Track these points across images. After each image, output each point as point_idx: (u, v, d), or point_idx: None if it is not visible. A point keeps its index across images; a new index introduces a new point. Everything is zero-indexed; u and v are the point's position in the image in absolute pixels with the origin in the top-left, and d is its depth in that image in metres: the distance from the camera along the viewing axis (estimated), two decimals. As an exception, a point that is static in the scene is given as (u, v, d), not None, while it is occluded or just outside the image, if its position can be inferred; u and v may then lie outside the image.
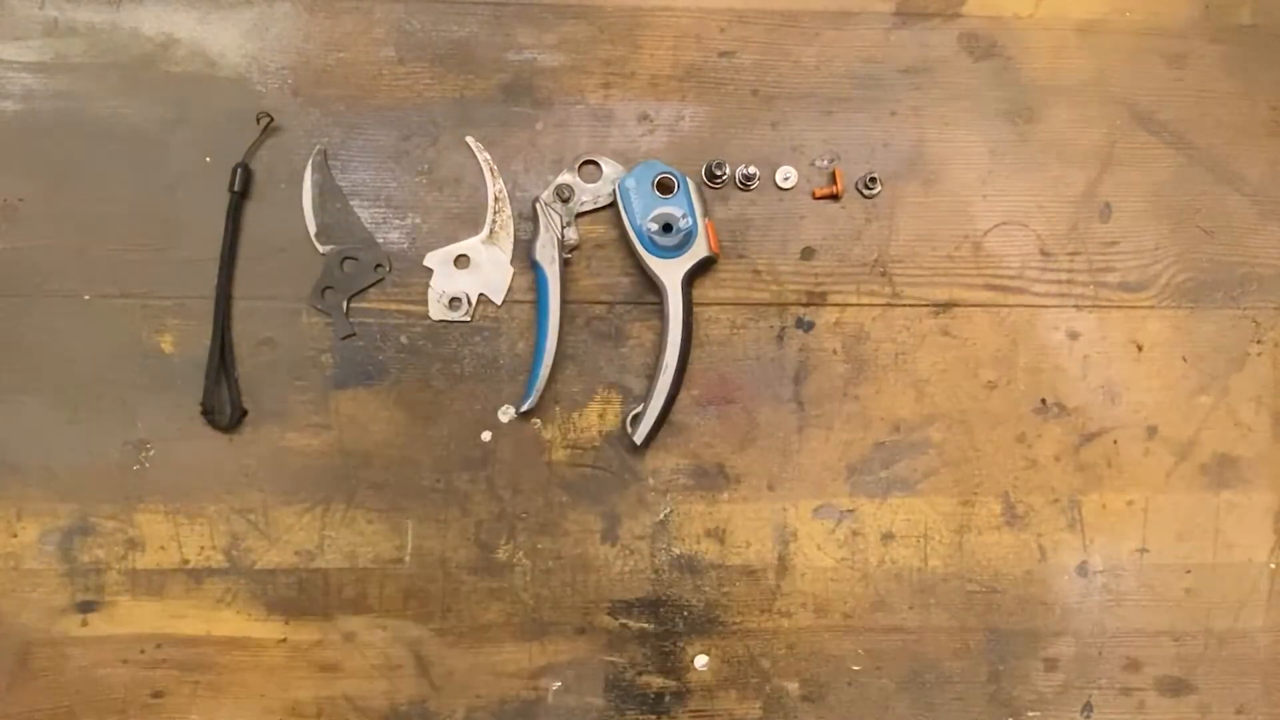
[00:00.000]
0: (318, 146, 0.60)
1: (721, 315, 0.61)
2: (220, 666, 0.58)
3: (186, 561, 0.58)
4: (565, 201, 0.60)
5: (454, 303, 0.60)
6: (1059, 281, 0.62)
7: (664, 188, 0.59)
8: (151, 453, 0.58)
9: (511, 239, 0.60)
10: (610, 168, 0.60)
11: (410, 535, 0.59)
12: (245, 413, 0.59)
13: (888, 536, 0.61)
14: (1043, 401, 0.61)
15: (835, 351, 0.61)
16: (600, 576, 0.60)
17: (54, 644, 0.58)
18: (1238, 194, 0.63)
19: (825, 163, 0.62)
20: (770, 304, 0.61)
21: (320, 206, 0.60)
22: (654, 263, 0.58)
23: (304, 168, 0.60)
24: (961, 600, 0.61)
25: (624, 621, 0.60)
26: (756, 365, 0.61)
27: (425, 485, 0.59)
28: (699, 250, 0.58)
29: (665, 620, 0.60)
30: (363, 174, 0.60)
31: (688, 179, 0.59)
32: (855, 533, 0.60)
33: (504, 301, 0.60)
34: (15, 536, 0.58)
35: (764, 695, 0.60)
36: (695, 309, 0.60)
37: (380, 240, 0.60)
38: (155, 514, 0.58)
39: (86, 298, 0.59)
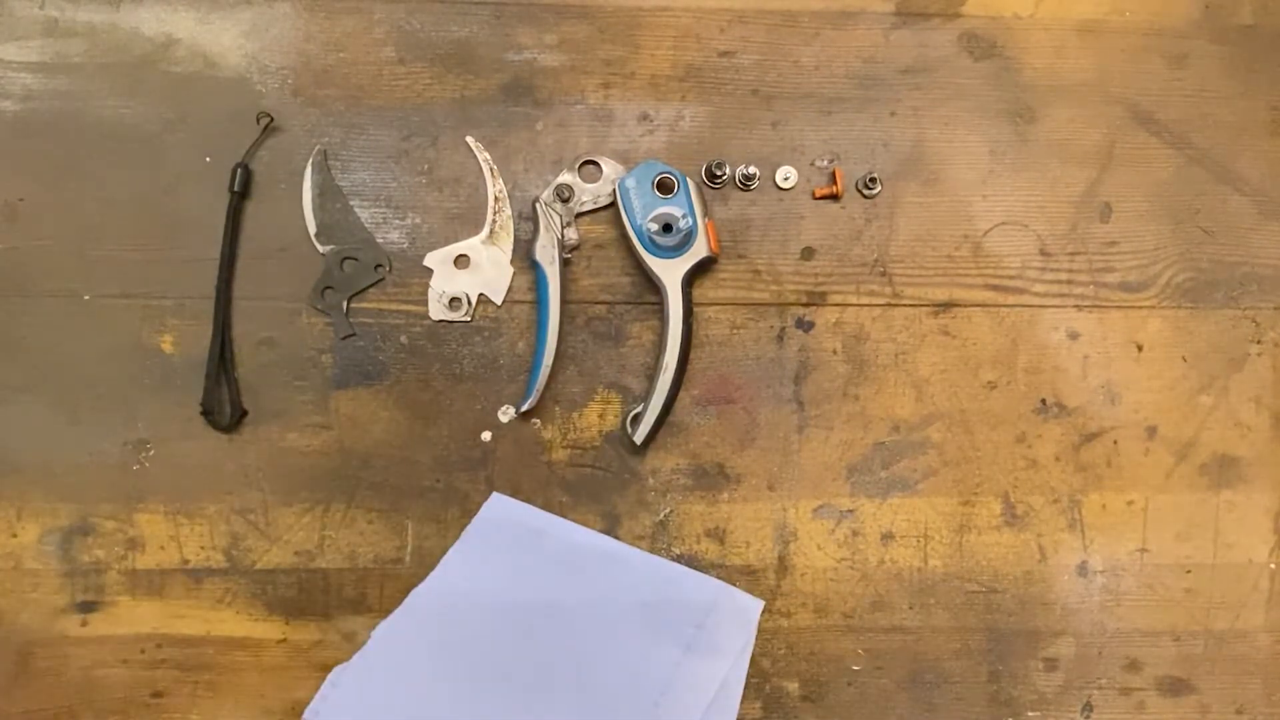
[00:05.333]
0: (318, 146, 0.60)
1: (721, 315, 0.61)
2: (220, 666, 0.58)
3: (186, 561, 0.58)
4: (565, 201, 0.60)
5: (454, 303, 0.60)
6: (1059, 281, 0.62)
7: (664, 188, 0.59)
8: (151, 453, 0.58)
9: (511, 239, 0.60)
10: (610, 168, 0.60)
11: (410, 535, 0.59)
12: (245, 413, 0.59)
13: (888, 536, 0.61)
14: (1043, 401, 0.61)
15: (835, 351, 0.61)
16: (600, 576, 0.60)
17: (54, 644, 0.58)
18: (1238, 194, 0.63)
19: (825, 163, 0.62)
20: (770, 304, 0.61)
21: (320, 206, 0.60)
22: (654, 263, 0.58)
23: (304, 168, 0.60)
24: (961, 600, 0.61)
25: (624, 621, 0.59)
26: (756, 365, 0.61)
27: (425, 485, 0.59)
28: (699, 250, 0.58)
29: (665, 620, 0.60)
30: (363, 174, 0.60)
31: (688, 179, 0.59)
32: (855, 533, 0.60)
33: (504, 301, 0.60)
34: (15, 536, 0.58)
35: (764, 695, 0.60)
36: (695, 309, 0.60)
37: (380, 240, 0.60)
38: (155, 514, 0.58)
39: (86, 298, 0.59)
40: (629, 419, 0.59)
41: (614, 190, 0.59)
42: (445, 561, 0.58)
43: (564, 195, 0.59)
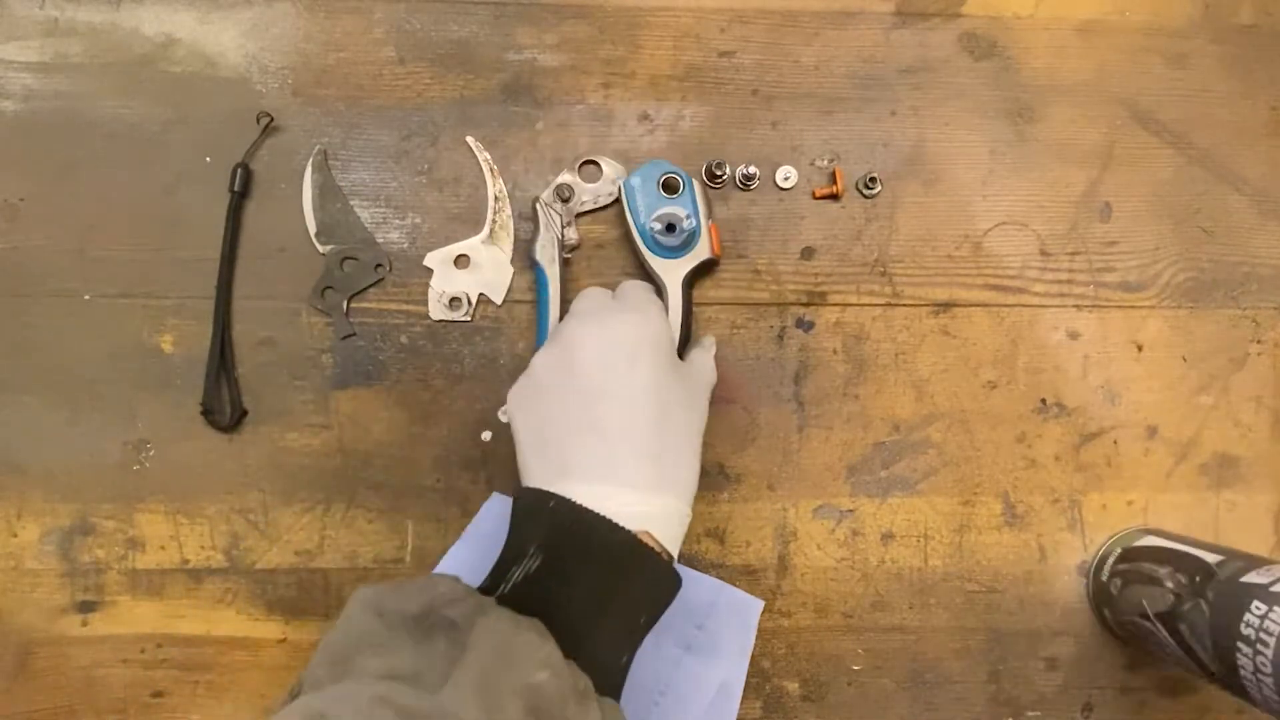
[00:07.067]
0: (318, 146, 0.60)
1: (721, 315, 0.61)
2: (220, 666, 0.58)
3: (186, 561, 0.58)
4: (565, 201, 0.60)
5: (454, 303, 0.60)
6: (1059, 281, 0.62)
7: (669, 188, 0.59)
8: (151, 453, 0.58)
9: (511, 239, 0.60)
10: (610, 168, 0.60)
11: (410, 535, 0.59)
12: (245, 413, 0.59)
13: (888, 536, 0.61)
14: (1043, 401, 0.61)
15: (835, 351, 0.61)
16: (600, 576, 0.59)
17: (54, 644, 0.58)
18: (1238, 194, 0.63)
19: (825, 163, 0.62)
20: (770, 304, 0.61)
21: (320, 206, 0.60)
22: (656, 262, 0.58)
23: (304, 168, 0.60)
24: (961, 600, 0.61)
25: (624, 621, 0.59)
26: (756, 365, 0.61)
27: (425, 485, 0.59)
28: (701, 251, 0.58)
29: (665, 620, 0.60)
30: (363, 174, 0.60)
31: (693, 180, 0.59)
32: (855, 533, 0.60)
33: (504, 301, 0.60)
34: (15, 536, 0.58)
35: (764, 695, 0.60)
36: (695, 309, 0.60)
37: (380, 240, 0.60)
38: (155, 514, 0.58)
39: (86, 298, 0.59)
40: (629, 419, 0.59)
41: (614, 190, 0.59)
42: (445, 561, 0.58)
43: (564, 195, 0.59)
